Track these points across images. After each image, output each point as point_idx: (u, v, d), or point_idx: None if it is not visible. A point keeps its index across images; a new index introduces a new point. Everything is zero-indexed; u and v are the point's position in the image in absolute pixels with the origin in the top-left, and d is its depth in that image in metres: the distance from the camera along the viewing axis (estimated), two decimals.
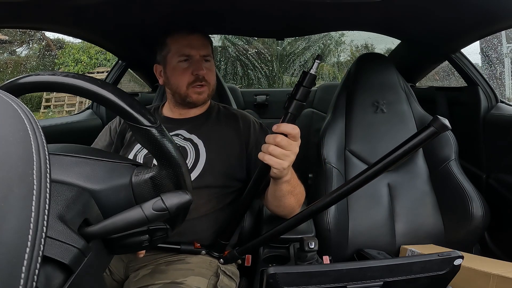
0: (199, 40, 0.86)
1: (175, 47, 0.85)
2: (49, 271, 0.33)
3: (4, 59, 7.85)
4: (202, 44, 0.86)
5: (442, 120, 0.49)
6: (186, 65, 0.85)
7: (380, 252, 1.01)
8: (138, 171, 0.44)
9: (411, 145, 0.52)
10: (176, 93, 0.87)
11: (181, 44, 0.85)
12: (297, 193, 0.77)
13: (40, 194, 0.21)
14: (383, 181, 1.10)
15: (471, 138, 1.24)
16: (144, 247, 0.45)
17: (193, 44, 0.85)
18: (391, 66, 1.17)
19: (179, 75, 0.85)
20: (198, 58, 0.85)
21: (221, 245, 0.78)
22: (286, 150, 0.62)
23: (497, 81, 4.06)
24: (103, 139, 0.91)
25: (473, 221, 0.97)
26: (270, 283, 0.51)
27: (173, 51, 0.85)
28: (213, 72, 0.89)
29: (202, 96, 0.87)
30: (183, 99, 0.87)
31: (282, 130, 0.61)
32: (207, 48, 0.87)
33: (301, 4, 0.78)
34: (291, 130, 0.61)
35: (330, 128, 1.13)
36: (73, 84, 0.39)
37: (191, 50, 0.84)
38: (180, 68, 0.85)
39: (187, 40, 0.85)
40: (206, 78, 0.85)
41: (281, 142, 0.61)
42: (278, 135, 0.61)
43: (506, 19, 0.91)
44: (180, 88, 0.85)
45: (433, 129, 0.50)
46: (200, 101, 0.87)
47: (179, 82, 0.85)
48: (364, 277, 0.54)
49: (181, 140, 0.84)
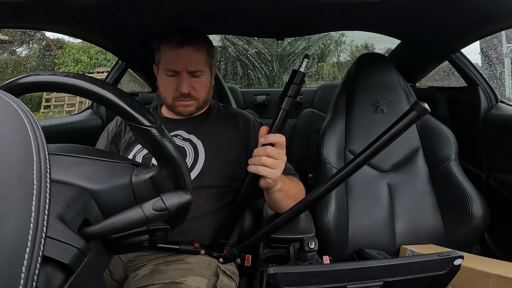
0: (188, 55, 0.80)
1: (164, 59, 0.83)
2: (49, 271, 0.33)
3: (4, 59, 7.85)
4: (191, 58, 0.81)
5: (422, 104, 0.53)
6: (172, 79, 0.82)
7: (380, 252, 1.01)
8: (138, 171, 0.44)
9: (395, 130, 0.56)
10: (164, 102, 0.88)
11: (168, 58, 0.81)
12: (293, 194, 0.77)
13: (40, 194, 0.21)
14: (383, 181, 1.10)
15: (471, 138, 1.24)
16: (144, 247, 0.45)
17: (180, 59, 0.80)
18: (391, 66, 1.17)
19: (165, 87, 0.84)
20: (184, 74, 0.81)
21: (220, 244, 0.78)
22: (276, 159, 0.64)
23: (497, 81, 4.06)
24: (103, 141, 0.92)
25: (473, 221, 0.97)
26: (270, 283, 0.51)
27: (162, 62, 0.83)
28: (204, 86, 0.86)
29: (189, 108, 0.86)
30: (171, 109, 0.88)
31: (270, 140, 0.64)
32: (196, 62, 0.82)
33: (301, 4, 0.78)
34: (278, 139, 0.64)
35: (330, 128, 1.13)
36: (73, 84, 0.39)
37: (176, 65, 0.80)
38: (166, 82, 0.83)
39: (175, 54, 0.80)
40: (192, 94, 0.83)
41: (271, 152, 0.64)
42: (268, 146, 0.64)
43: (506, 19, 0.91)
44: (167, 100, 0.86)
45: (415, 113, 0.54)
46: (187, 113, 0.87)
47: (166, 94, 0.85)
48: (364, 277, 0.54)
49: (180, 141, 0.84)
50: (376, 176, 1.10)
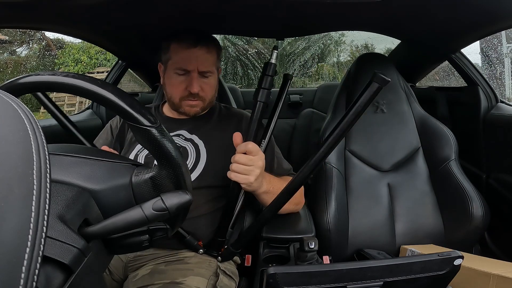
0: (200, 55, 0.82)
1: (175, 58, 0.83)
2: (49, 271, 0.33)
3: (4, 59, 7.86)
4: (203, 59, 0.83)
5: (381, 74, 0.55)
6: (182, 78, 0.83)
7: (380, 252, 1.01)
8: (138, 171, 0.44)
9: (360, 104, 0.58)
10: (170, 101, 0.88)
11: (180, 57, 0.82)
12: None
13: (40, 194, 0.21)
14: (383, 181, 1.10)
15: (471, 138, 1.24)
16: (144, 247, 0.45)
17: (192, 59, 0.81)
18: (391, 66, 1.17)
19: (173, 86, 0.84)
20: (195, 74, 0.82)
21: (219, 243, 0.78)
22: (248, 165, 0.68)
23: (497, 81, 4.06)
24: (104, 137, 0.91)
25: (473, 221, 0.97)
26: (270, 283, 0.51)
27: (173, 61, 0.83)
28: (212, 87, 0.87)
29: (194, 109, 0.86)
30: (176, 108, 0.87)
31: (240, 150, 0.69)
32: (207, 63, 0.83)
33: (301, 4, 0.78)
34: (250, 148, 0.68)
35: (330, 128, 1.12)
36: (73, 84, 0.39)
37: (189, 65, 0.81)
38: (175, 81, 0.83)
39: (188, 54, 0.81)
40: (200, 94, 0.84)
41: (240, 159, 0.68)
42: (237, 154, 0.69)
43: (506, 19, 0.91)
44: (174, 99, 0.85)
45: (376, 84, 0.56)
46: (192, 113, 0.87)
47: (173, 93, 0.85)
48: (364, 277, 0.54)
49: (181, 141, 0.84)
50: (376, 176, 1.10)
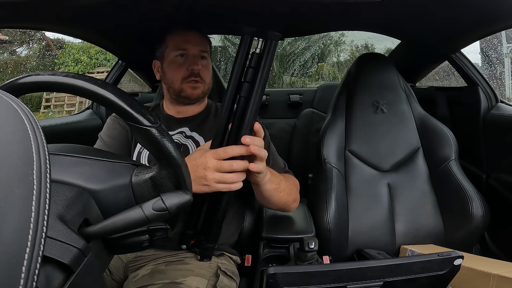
0: (196, 37, 0.87)
1: (173, 42, 0.87)
2: (49, 271, 0.33)
3: (4, 59, 7.86)
4: (199, 40, 0.88)
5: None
6: (182, 60, 0.86)
7: (380, 252, 1.01)
8: (138, 171, 0.44)
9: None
10: (171, 88, 0.87)
11: (178, 40, 0.86)
12: (284, 188, 0.77)
13: (40, 194, 0.21)
14: (383, 181, 1.10)
15: (471, 138, 1.24)
16: (144, 247, 0.45)
17: (190, 39, 0.86)
18: (391, 66, 1.17)
19: (174, 69, 0.86)
20: (194, 53, 0.86)
21: (189, 235, 0.75)
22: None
23: (497, 81, 4.06)
24: (114, 127, 0.88)
25: (473, 221, 0.97)
26: (270, 283, 0.52)
27: (171, 46, 0.87)
28: (209, 71, 0.90)
29: (196, 91, 0.86)
30: (178, 93, 0.87)
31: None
32: (204, 44, 0.89)
33: (301, 4, 0.78)
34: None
35: (330, 128, 1.13)
36: (73, 84, 0.39)
37: (187, 45, 0.86)
38: (176, 63, 0.86)
39: (185, 36, 0.86)
40: (201, 75, 0.85)
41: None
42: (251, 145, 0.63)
43: (506, 19, 0.91)
44: (175, 83, 0.86)
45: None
46: (194, 96, 0.87)
47: (174, 76, 0.86)
48: (364, 277, 0.54)
49: (182, 138, 0.85)
50: (376, 176, 1.10)
